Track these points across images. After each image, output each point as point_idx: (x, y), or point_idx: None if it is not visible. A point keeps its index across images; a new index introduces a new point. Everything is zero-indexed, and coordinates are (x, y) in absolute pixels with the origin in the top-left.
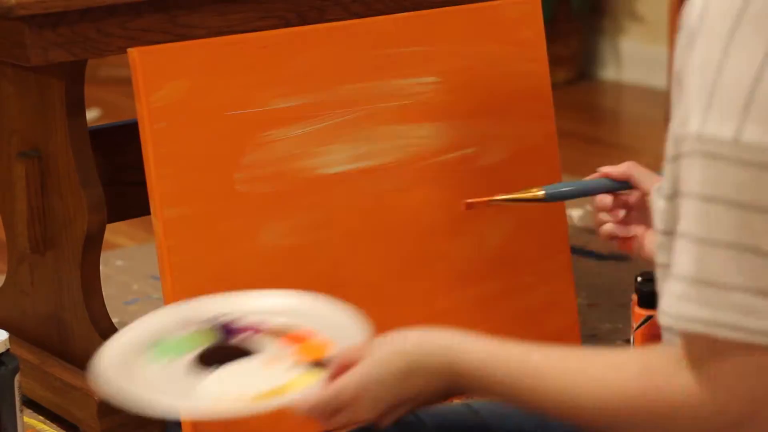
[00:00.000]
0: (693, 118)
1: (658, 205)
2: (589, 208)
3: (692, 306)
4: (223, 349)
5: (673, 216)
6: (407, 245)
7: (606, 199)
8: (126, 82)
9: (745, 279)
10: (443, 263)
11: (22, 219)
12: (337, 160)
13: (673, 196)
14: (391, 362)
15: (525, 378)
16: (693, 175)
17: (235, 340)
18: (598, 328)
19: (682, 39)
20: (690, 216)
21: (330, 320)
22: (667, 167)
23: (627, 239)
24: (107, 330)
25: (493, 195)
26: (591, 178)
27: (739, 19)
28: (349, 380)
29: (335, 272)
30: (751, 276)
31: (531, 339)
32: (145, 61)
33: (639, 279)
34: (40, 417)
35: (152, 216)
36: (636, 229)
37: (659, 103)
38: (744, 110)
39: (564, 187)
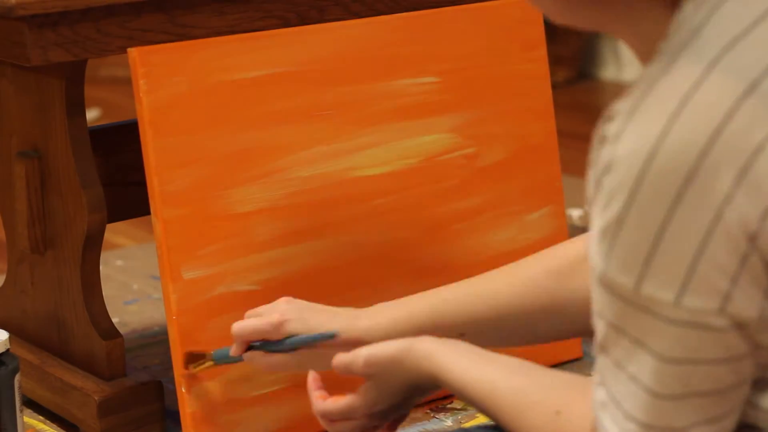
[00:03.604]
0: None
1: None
2: (588, 208)
3: None
4: None
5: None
6: (407, 245)
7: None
8: (126, 82)
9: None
10: (443, 264)
11: (22, 219)
12: (337, 160)
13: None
14: (394, 378)
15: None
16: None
17: None
18: None
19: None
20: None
21: None
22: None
23: None
24: (107, 330)
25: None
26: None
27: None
28: (362, 400)
29: (336, 273)
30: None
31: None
32: (144, 61)
33: None
34: (40, 417)
35: (152, 216)
36: None
37: None
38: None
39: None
